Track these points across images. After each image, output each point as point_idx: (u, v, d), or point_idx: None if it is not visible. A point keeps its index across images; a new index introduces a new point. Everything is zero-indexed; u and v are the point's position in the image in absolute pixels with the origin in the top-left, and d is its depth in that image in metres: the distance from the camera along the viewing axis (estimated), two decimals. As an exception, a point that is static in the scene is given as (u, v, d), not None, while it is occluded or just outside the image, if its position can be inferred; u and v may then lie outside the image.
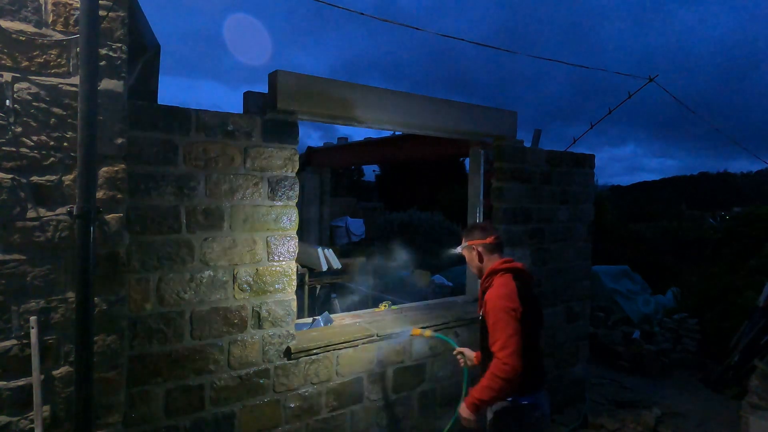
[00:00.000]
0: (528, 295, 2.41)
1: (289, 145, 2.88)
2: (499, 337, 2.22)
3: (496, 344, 2.22)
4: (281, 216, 2.86)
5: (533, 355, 2.36)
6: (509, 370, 2.15)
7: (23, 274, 1.91)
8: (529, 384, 2.33)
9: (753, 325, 5.33)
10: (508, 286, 2.34)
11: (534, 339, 2.40)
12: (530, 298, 2.42)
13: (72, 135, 1.98)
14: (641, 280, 8.66)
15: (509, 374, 2.15)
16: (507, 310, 2.25)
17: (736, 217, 8.21)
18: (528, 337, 2.29)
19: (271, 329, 2.83)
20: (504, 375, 2.16)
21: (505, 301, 2.28)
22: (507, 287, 2.34)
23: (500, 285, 2.37)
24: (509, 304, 2.27)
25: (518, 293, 2.32)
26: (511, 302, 2.27)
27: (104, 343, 2.09)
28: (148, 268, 2.44)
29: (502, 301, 2.28)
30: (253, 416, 2.79)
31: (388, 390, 3.35)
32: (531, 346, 2.33)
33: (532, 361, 2.33)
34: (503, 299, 2.29)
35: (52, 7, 1.94)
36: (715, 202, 37.15)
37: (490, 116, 3.93)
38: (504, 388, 2.18)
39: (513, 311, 2.25)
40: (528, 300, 2.37)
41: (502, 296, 2.31)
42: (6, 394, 1.90)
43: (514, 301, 2.28)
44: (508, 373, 2.15)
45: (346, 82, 3.18)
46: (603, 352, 6.14)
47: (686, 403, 4.89)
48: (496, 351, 2.21)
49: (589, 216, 4.65)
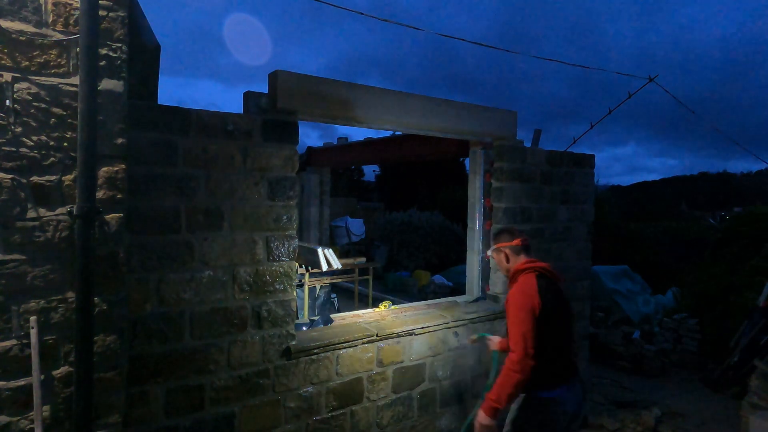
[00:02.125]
0: (553, 293, 2.45)
1: (289, 145, 2.88)
2: (515, 333, 2.30)
3: (512, 340, 2.31)
4: (281, 216, 2.86)
5: (557, 351, 2.40)
6: (522, 365, 2.23)
7: (23, 274, 1.91)
8: (550, 379, 2.37)
9: (753, 325, 5.33)
10: (528, 285, 2.41)
11: (559, 335, 2.43)
12: (556, 296, 2.46)
13: (72, 135, 1.98)
14: (641, 280, 8.67)
15: (523, 369, 2.23)
16: (523, 307, 2.32)
17: (736, 217, 8.21)
18: (551, 333, 2.34)
19: (271, 329, 2.83)
20: (517, 369, 2.24)
21: (522, 299, 2.35)
22: (527, 285, 2.41)
23: (521, 283, 2.45)
24: (526, 302, 2.33)
25: (539, 291, 2.37)
26: (528, 300, 2.34)
27: (104, 343, 2.09)
28: (148, 268, 2.44)
29: (520, 299, 2.36)
30: (253, 416, 2.79)
31: (388, 390, 3.36)
32: (554, 342, 2.38)
33: (555, 357, 2.38)
34: (521, 297, 2.37)
35: (52, 7, 1.94)
36: (715, 202, 37.16)
37: (490, 116, 3.93)
38: (519, 382, 2.25)
39: (530, 309, 2.31)
40: (553, 298, 2.42)
41: (520, 294, 2.39)
42: (6, 394, 1.90)
43: (533, 299, 2.34)
44: (521, 368, 2.23)
45: (346, 82, 3.18)
46: (603, 352, 6.14)
47: (686, 403, 4.89)
48: (512, 346, 2.30)
49: (589, 216, 4.65)
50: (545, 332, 2.31)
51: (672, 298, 8.13)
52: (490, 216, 4.07)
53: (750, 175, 56.29)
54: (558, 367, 2.42)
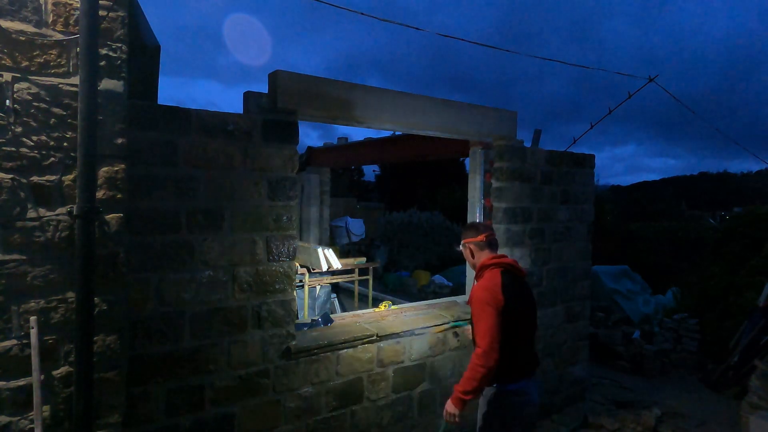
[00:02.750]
0: (517, 288, 2.51)
1: (289, 145, 2.88)
2: (479, 328, 2.37)
3: (477, 335, 2.39)
4: (281, 216, 2.86)
5: (520, 345, 2.47)
6: (487, 358, 2.30)
7: (23, 274, 1.91)
8: (515, 372, 2.46)
9: (753, 325, 5.33)
10: (492, 281, 2.45)
11: (521, 330, 2.49)
12: (519, 292, 2.52)
13: (72, 135, 1.98)
14: (641, 280, 8.67)
15: (487, 362, 2.30)
16: (487, 302, 2.38)
17: (736, 217, 8.20)
18: (514, 328, 2.41)
19: (271, 329, 2.83)
20: (482, 363, 2.31)
21: (485, 294, 2.41)
22: (491, 282, 2.45)
23: (486, 279, 2.48)
24: (489, 298, 2.39)
25: (503, 288, 2.42)
26: (491, 296, 2.39)
27: (104, 343, 2.09)
28: (148, 268, 2.44)
29: (483, 294, 2.41)
30: (254, 416, 2.79)
31: (388, 390, 3.35)
32: (517, 337, 2.44)
33: (519, 351, 2.46)
34: (484, 293, 2.41)
35: (52, 7, 1.94)
36: (715, 202, 37.16)
37: (490, 116, 3.93)
38: (484, 376, 2.32)
39: (493, 304, 2.37)
40: (516, 293, 2.47)
41: (484, 290, 2.43)
42: (6, 394, 1.90)
43: (496, 295, 2.39)
44: (486, 362, 2.30)
45: (346, 82, 3.19)
46: (603, 352, 6.14)
47: (686, 403, 4.89)
48: (477, 341, 2.38)
49: (589, 216, 4.65)
50: (509, 327, 2.37)
51: (672, 298, 8.13)
52: (490, 216, 4.07)
53: (750, 175, 56.29)
54: (521, 360, 2.50)
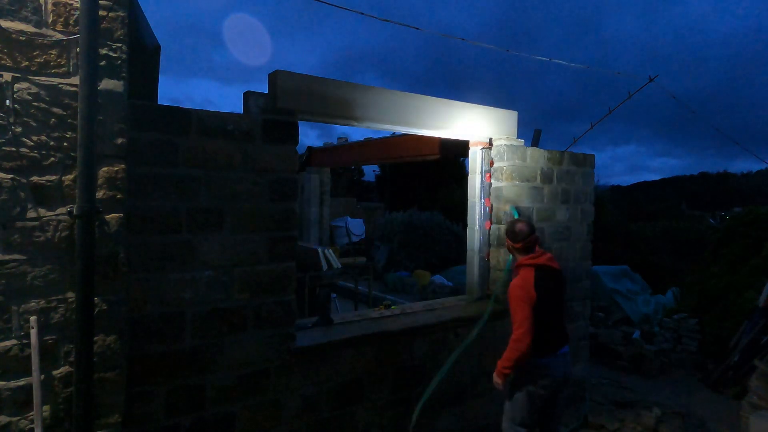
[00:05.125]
0: (549, 282, 2.94)
1: (289, 145, 2.88)
2: (515, 319, 2.84)
3: (513, 323, 2.85)
4: (281, 216, 2.86)
5: (549, 330, 2.92)
6: (521, 344, 2.79)
7: (23, 274, 1.91)
8: (542, 349, 2.90)
9: (753, 325, 5.33)
10: (526, 279, 2.89)
11: (551, 316, 2.93)
12: (550, 285, 2.95)
13: (72, 135, 1.98)
14: (641, 280, 8.67)
15: (522, 346, 2.79)
16: (521, 298, 2.83)
17: (736, 217, 8.20)
18: (544, 316, 2.85)
19: (271, 329, 2.83)
20: (517, 347, 2.81)
21: (520, 292, 2.85)
22: (523, 279, 2.90)
23: (521, 277, 2.92)
24: (523, 294, 2.83)
25: (535, 284, 2.86)
26: (525, 293, 2.83)
27: (104, 343, 2.09)
28: (148, 268, 2.44)
29: (518, 292, 2.86)
30: (254, 416, 2.79)
31: (388, 390, 3.35)
32: (547, 323, 2.89)
33: (547, 334, 2.91)
34: (519, 290, 2.86)
35: (52, 7, 1.94)
36: (715, 202, 37.16)
37: (490, 116, 3.93)
38: (520, 356, 2.81)
39: (526, 299, 2.81)
40: (547, 287, 2.90)
41: (519, 288, 2.87)
42: (6, 394, 1.90)
43: (529, 290, 2.84)
44: (521, 346, 2.80)
45: (346, 82, 3.19)
46: (603, 352, 6.13)
47: (686, 403, 4.89)
48: (514, 329, 2.84)
49: (589, 216, 4.64)
50: (540, 315, 2.83)
51: (672, 298, 8.13)
52: (490, 216, 4.07)
53: (750, 175, 56.27)
54: (549, 339, 2.94)
